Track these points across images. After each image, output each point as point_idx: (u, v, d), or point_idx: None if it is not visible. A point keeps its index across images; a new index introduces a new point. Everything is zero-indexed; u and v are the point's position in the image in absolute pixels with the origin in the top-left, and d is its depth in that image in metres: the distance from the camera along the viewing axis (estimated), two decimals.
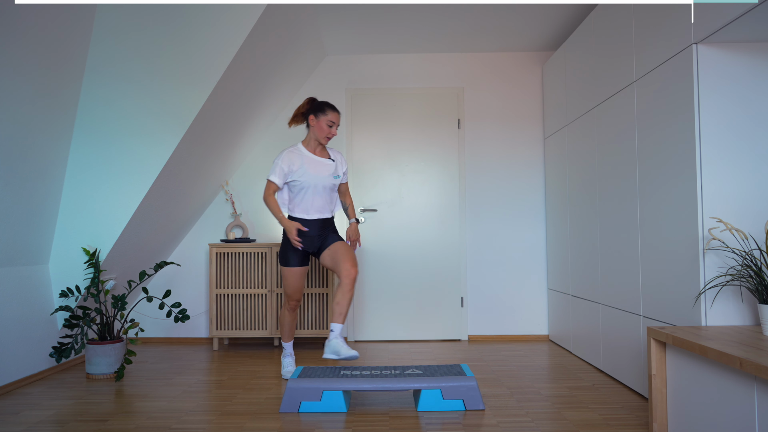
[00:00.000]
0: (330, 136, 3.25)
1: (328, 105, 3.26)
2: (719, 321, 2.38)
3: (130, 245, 3.81)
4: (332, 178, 3.27)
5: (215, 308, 4.35)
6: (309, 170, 3.21)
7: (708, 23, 2.30)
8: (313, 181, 3.22)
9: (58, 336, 3.63)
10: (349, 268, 3.11)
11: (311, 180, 3.21)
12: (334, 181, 3.28)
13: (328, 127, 3.23)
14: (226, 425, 2.57)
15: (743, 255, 2.30)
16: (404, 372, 2.91)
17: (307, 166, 3.22)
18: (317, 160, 3.25)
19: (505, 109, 4.75)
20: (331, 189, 3.29)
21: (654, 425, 2.36)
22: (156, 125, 3.42)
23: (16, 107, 2.88)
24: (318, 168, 3.24)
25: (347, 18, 4.03)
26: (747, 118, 2.42)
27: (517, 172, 4.72)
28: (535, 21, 4.12)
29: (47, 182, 3.33)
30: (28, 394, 3.12)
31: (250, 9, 3.22)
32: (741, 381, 1.87)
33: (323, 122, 3.22)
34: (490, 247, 4.70)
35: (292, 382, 2.77)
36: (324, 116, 3.23)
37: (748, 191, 2.41)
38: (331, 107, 3.26)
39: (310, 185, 3.22)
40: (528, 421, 2.59)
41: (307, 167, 3.21)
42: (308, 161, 3.23)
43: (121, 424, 2.60)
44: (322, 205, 3.28)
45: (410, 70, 4.77)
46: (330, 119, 3.23)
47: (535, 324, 4.67)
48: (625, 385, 3.17)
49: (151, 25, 3.31)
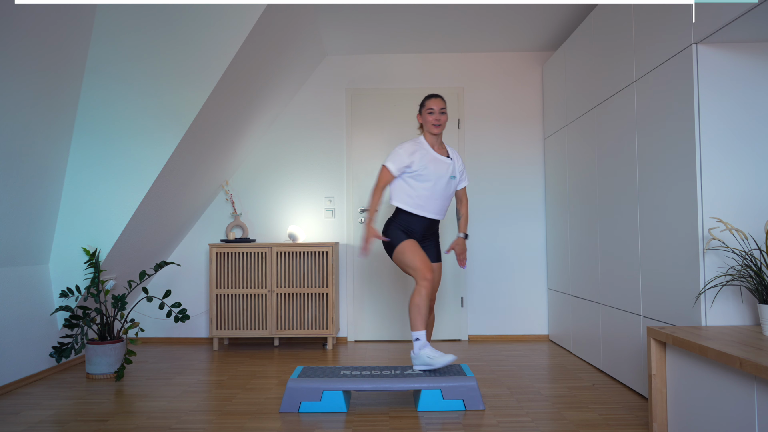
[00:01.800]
0: (435, 123, 3.03)
1: (427, 97, 3.11)
2: (719, 321, 2.38)
3: (130, 245, 3.81)
4: (449, 178, 3.07)
5: (215, 308, 4.35)
6: (430, 166, 3.01)
7: (708, 23, 2.30)
8: (433, 178, 3.02)
9: (58, 336, 3.63)
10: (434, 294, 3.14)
11: (432, 177, 3.01)
12: (449, 181, 3.08)
13: (429, 114, 3.05)
14: (226, 425, 2.57)
15: (743, 255, 2.29)
16: (404, 372, 2.91)
17: (429, 162, 3.02)
18: (438, 157, 3.05)
19: (505, 109, 4.75)
20: (450, 190, 3.10)
21: (654, 425, 2.36)
22: (156, 125, 3.42)
23: (16, 108, 2.88)
24: (437, 165, 3.03)
25: (347, 18, 4.03)
26: (747, 118, 2.42)
27: (517, 172, 4.72)
28: (535, 21, 4.12)
29: (47, 182, 3.33)
30: (28, 394, 3.12)
31: (250, 9, 3.22)
32: (741, 381, 1.87)
33: (425, 113, 3.06)
34: (490, 247, 4.70)
35: (292, 382, 2.77)
36: (423, 108, 3.08)
37: (749, 191, 2.41)
38: (428, 97, 3.10)
39: (430, 182, 3.02)
40: (528, 421, 2.59)
41: (426, 161, 3.01)
42: (425, 155, 3.03)
43: (121, 424, 2.60)
44: (440, 207, 3.09)
45: (410, 70, 4.77)
46: (429, 107, 3.05)
47: (535, 324, 4.67)
48: (625, 385, 3.17)
49: (151, 25, 3.31)
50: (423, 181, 3.02)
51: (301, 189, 4.74)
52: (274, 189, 4.74)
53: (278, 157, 4.75)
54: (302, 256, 4.38)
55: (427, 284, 2.90)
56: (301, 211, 4.73)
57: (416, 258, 2.95)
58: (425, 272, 2.91)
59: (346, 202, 4.72)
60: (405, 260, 2.99)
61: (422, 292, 2.89)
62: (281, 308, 4.36)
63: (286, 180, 4.74)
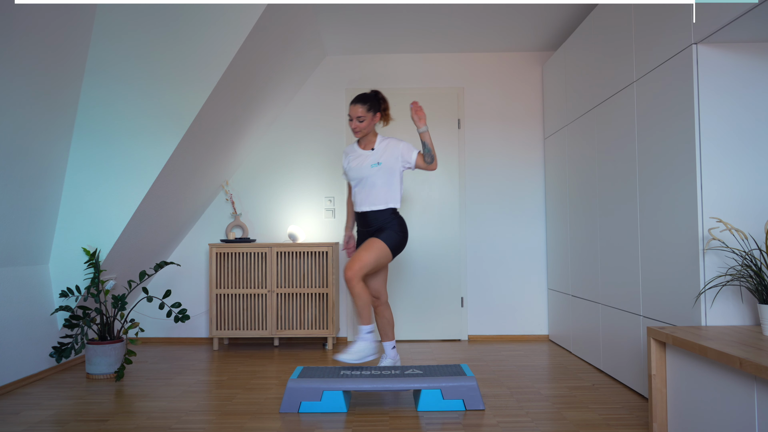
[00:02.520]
0: (354, 130, 3.17)
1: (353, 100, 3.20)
2: (719, 321, 2.38)
3: (130, 245, 3.81)
4: (369, 167, 3.15)
5: (215, 308, 4.35)
6: (352, 163, 3.21)
7: (708, 23, 2.30)
8: (354, 173, 3.19)
9: (58, 336, 3.63)
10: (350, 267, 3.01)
11: (353, 173, 3.20)
12: (371, 170, 3.13)
13: (349, 121, 3.18)
14: (226, 425, 2.57)
15: (743, 255, 2.29)
16: (404, 372, 2.91)
17: (353, 158, 3.23)
18: (360, 152, 3.23)
19: (505, 109, 4.75)
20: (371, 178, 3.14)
21: (654, 425, 2.36)
22: (156, 126, 3.42)
23: (16, 108, 2.88)
24: (359, 159, 3.20)
25: (347, 18, 4.03)
26: (747, 118, 2.42)
27: (517, 172, 4.72)
28: (535, 21, 4.12)
29: (47, 182, 3.33)
30: (28, 394, 3.12)
31: (250, 9, 3.22)
32: (741, 381, 1.87)
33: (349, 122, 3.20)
34: (490, 247, 4.70)
35: (292, 382, 2.77)
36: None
37: (749, 191, 2.41)
38: (353, 101, 3.19)
39: (354, 177, 3.20)
40: (528, 421, 2.59)
41: (352, 160, 3.23)
42: (354, 155, 3.24)
43: (121, 424, 2.60)
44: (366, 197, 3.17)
45: (410, 70, 4.77)
46: (348, 114, 3.19)
47: (535, 324, 4.67)
48: (625, 385, 3.17)
49: (151, 25, 3.31)
50: (351, 178, 3.22)
51: (301, 189, 4.74)
52: (274, 189, 4.74)
53: (278, 157, 4.74)
54: (302, 256, 4.38)
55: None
56: (301, 211, 4.73)
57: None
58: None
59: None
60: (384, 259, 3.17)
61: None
62: (281, 308, 4.36)
63: (286, 180, 4.74)
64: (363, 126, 3.16)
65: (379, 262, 3.09)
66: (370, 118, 3.18)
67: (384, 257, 3.10)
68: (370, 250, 3.05)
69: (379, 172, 3.14)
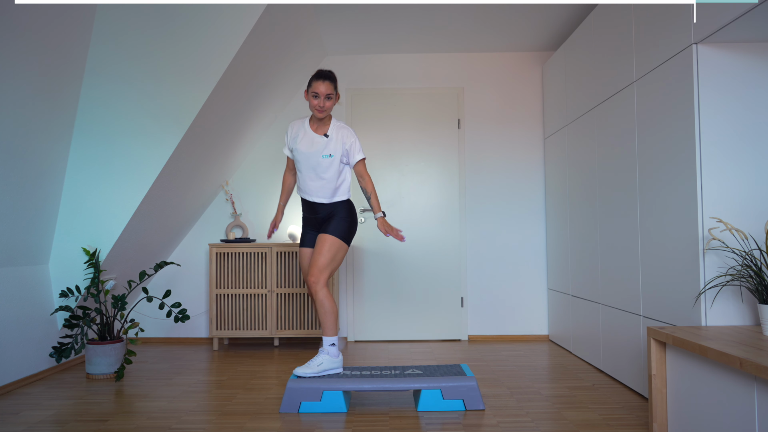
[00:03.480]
0: (318, 108, 2.85)
1: (314, 74, 2.89)
2: (719, 321, 2.38)
3: (130, 245, 3.81)
4: (320, 157, 2.90)
5: (215, 308, 4.35)
6: (300, 146, 2.93)
7: (708, 23, 2.30)
8: (302, 158, 2.92)
9: (58, 336, 3.63)
10: (310, 273, 2.86)
11: (301, 157, 2.93)
12: (322, 161, 2.90)
13: (313, 98, 2.86)
14: (226, 425, 2.57)
15: (743, 255, 2.29)
16: (404, 372, 2.91)
17: (301, 139, 2.94)
18: (311, 135, 2.93)
19: (505, 109, 4.75)
20: (321, 169, 2.91)
21: (654, 425, 2.36)
22: (156, 126, 3.42)
23: (16, 108, 2.88)
24: (308, 144, 2.92)
25: (347, 18, 4.03)
26: (747, 118, 2.42)
27: (517, 172, 4.72)
28: (535, 21, 4.12)
29: (47, 182, 3.33)
30: (28, 394, 3.12)
31: (250, 9, 3.22)
32: (741, 381, 1.87)
33: (310, 94, 2.88)
34: (490, 247, 4.70)
35: (292, 382, 2.77)
36: (310, 88, 2.88)
37: (749, 191, 2.41)
38: (316, 76, 2.87)
39: (301, 162, 2.93)
40: (528, 421, 2.59)
41: (300, 140, 2.94)
42: (303, 134, 2.94)
43: (121, 424, 2.60)
44: (315, 188, 2.94)
45: (410, 70, 4.77)
46: (314, 90, 2.85)
47: (535, 324, 4.67)
48: (625, 385, 3.17)
49: (151, 25, 3.31)
50: (298, 161, 2.95)
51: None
52: (274, 189, 4.73)
53: (278, 157, 4.74)
54: None
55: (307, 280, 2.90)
56: (301, 211, 4.72)
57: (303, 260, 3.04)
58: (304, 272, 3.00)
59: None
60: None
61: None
62: (281, 308, 4.36)
63: None
64: (329, 106, 2.88)
65: (337, 258, 2.91)
66: (335, 99, 2.92)
67: (340, 251, 2.91)
68: (323, 251, 2.87)
69: (332, 164, 2.91)
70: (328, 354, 2.87)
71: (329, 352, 2.87)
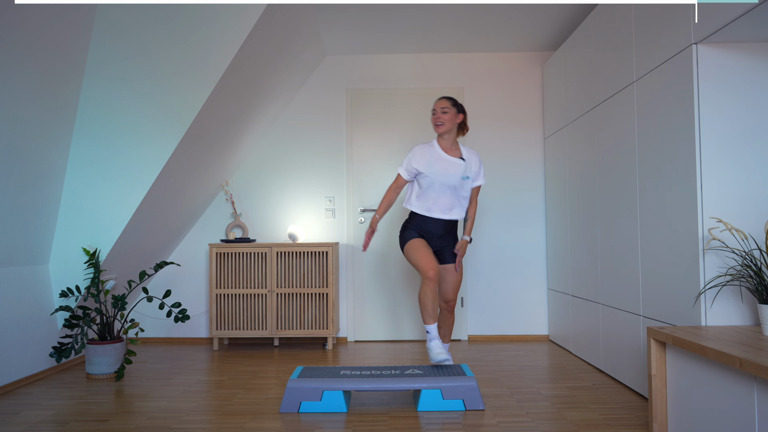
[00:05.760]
0: (436, 123, 3.16)
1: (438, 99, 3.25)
2: (719, 321, 2.38)
3: (130, 245, 3.81)
4: (460, 178, 3.15)
5: (215, 308, 4.35)
6: (437, 167, 3.14)
7: (708, 23, 2.30)
8: (439, 178, 3.14)
9: (58, 336, 3.63)
10: (448, 295, 3.26)
11: (438, 177, 3.14)
12: (462, 182, 3.16)
13: (432, 115, 3.20)
14: (226, 425, 2.57)
15: (743, 255, 2.29)
16: (404, 372, 2.91)
17: (436, 162, 3.16)
18: (446, 158, 3.17)
19: (505, 109, 4.75)
20: (457, 188, 3.17)
21: (654, 425, 2.36)
22: (156, 126, 3.42)
23: (16, 108, 2.88)
24: (446, 166, 3.15)
25: (347, 18, 4.03)
26: (747, 118, 2.42)
27: (517, 172, 4.72)
28: (535, 21, 4.12)
29: (47, 182, 3.33)
30: (28, 394, 3.12)
31: (250, 9, 3.22)
32: (741, 381, 1.87)
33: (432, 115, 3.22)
34: (490, 247, 4.70)
35: (292, 382, 2.77)
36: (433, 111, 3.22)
37: (749, 191, 2.41)
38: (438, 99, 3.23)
39: (436, 182, 3.15)
40: (528, 421, 2.59)
41: (435, 164, 3.15)
42: (437, 158, 3.17)
43: (121, 424, 2.60)
44: (445, 205, 3.18)
45: (410, 70, 4.77)
46: (433, 109, 3.20)
47: (535, 324, 4.67)
48: (625, 385, 3.17)
49: (151, 25, 3.31)
50: (430, 182, 3.16)
51: (301, 189, 4.74)
52: (274, 189, 4.74)
53: (278, 157, 4.75)
54: (302, 256, 4.38)
55: (428, 281, 3.04)
56: (301, 211, 4.73)
57: (418, 257, 3.11)
58: (426, 270, 3.05)
59: (346, 202, 4.72)
60: (410, 258, 3.17)
61: (423, 288, 3.06)
62: (281, 308, 4.36)
63: (286, 180, 4.74)
64: (446, 119, 3.15)
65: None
66: (454, 114, 3.18)
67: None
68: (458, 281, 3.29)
69: (468, 185, 3.20)
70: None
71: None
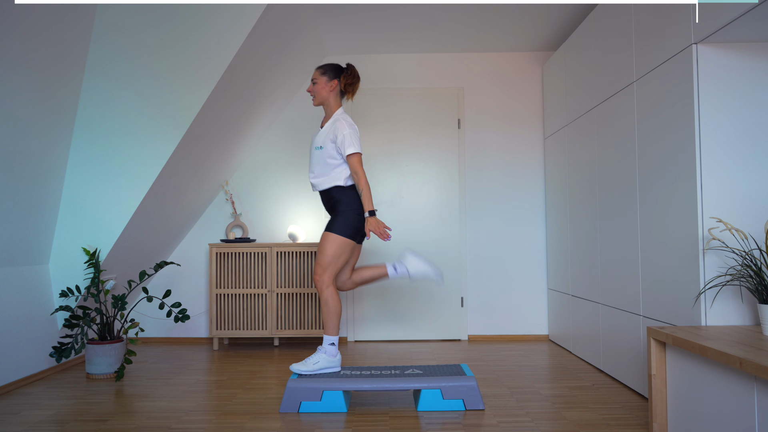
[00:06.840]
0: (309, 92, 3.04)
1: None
2: (719, 321, 2.38)
3: (130, 245, 3.81)
4: (313, 148, 2.99)
5: (215, 308, 4.35)
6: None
7: (708, 23, 2.30)
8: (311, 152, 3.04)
9: (58, 336, 3.63)
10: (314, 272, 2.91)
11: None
12: (315, 151, 2.97)
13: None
14: (226, 425, 2.57)
15: (743, 255, 2.29)
16: (404, 372, 2.91)
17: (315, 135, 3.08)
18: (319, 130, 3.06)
19: (505, 109, 4.75)
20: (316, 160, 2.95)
21: (654, 425, 2.36)
22: (156, 126, 3.42)
23: (16, 108, 2.88)
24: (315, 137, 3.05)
25: (347, 18, 4.03)
26: (747, 118, 2.42)
27: (517, 172, 4.72)
28: (535, 21, 4.12)
29: (47, 182, 3.33)
30: (28, 394, 3.12)
31: (250, 9, 3.22)
32: (741, 381, 1.87)
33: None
34: (490, 247, 4.70)
35: (292, 382, 2.77)
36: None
37: (749, 191, 2.41)
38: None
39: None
40: (528, 421, 2.59)
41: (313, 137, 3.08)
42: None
43: (121, 424, 2.60)
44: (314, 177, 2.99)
45: (410, 70, 4.77)
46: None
47: (535, 324, 4.67)
48: (625, 385, 3.17)
49: (151, 25, 3.31)
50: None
51: (301, 189, 4.74)
52: (274, 189, 4.74)
53: (278, 157, 4.75)
54: (302, 256, 4.38)
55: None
56: (301, 211, 4.73)
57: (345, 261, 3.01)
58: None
59: None
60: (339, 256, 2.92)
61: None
62: (281, 308, 4.37)
63: (286, 180, 4.74)
64: (316, 89, 2.99)
65: (340, 256, 2.87)
66: (324, 83, 2.97)
67: (342, 248, 2.86)
68: (324, 249, 2.87)
69: (320, 154, 2.95)
70: (325, 353, 2.88)
71: (327, 351, 2.89)
